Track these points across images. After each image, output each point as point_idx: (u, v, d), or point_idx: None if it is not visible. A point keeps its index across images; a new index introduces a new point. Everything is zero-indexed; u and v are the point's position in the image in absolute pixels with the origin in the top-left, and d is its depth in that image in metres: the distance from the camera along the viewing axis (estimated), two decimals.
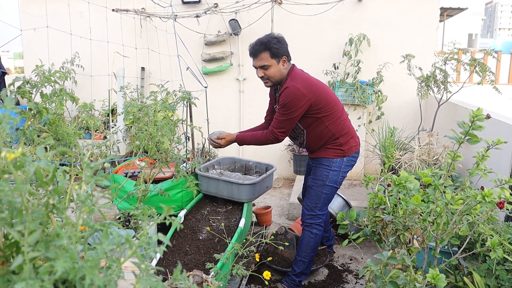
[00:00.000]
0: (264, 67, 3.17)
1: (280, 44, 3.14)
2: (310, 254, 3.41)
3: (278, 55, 3.14)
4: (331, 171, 3.33)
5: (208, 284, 2.35)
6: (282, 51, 3.15)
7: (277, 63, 3.17)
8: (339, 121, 3.32)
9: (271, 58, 3.14)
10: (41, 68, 2.24)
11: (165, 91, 3.81)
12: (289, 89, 3.11)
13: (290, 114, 3.15)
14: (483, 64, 4.87)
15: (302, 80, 3.18)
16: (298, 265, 3.42)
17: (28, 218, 0.91)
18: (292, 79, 3.18)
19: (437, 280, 1.96)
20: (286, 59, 3.20)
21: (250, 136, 3.44)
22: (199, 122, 4.68)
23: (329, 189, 3.36)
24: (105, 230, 0.96)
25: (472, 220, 2.27)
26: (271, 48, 3.12)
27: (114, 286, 0.93)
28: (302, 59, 6.53)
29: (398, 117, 6.22)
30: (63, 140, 2.36)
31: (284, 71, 3.22)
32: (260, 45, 3.14)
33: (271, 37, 3.15)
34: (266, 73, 3.19)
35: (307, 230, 3.39)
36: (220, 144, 3.50)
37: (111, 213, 3.44)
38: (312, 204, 3.38)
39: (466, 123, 2.05)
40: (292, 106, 3.12)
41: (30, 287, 0.83)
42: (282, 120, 3.20)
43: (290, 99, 3.10)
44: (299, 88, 3.10)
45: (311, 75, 3.12)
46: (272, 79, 3.22)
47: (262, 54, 3.15)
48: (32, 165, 0.88)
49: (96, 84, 6.59)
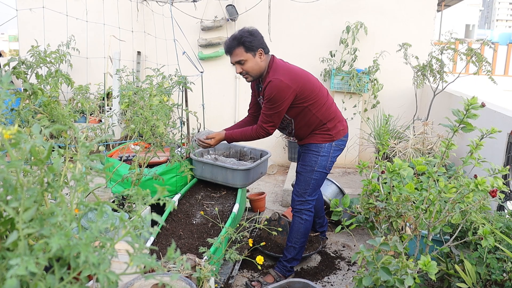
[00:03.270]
0: (241, 62, 3.14)
1: (253, 37, 3.10)
2: (301, 240, 3.42)
3: (252, 48, 3.10)
4: (320, 156, 3.33)
5: (201, 268, 2.37)
6: (256, 43, 3.10)
7: (253, 57, 3.12)
8: (325, 107, 3.31)
9: (246, 52, 3.10)
10: (37, 48, 2.23)
11: (160, 75, 3.79)
12: (273, 83, 3.08)
13: (277, 107, 3.14)
14: (479, 54, 4.87)
15: (285, 71, 3.15)
16: (289, 251, 3.44)
17: (23, 196, 0.92)
18: (274, 71, 3.14)
19: (428, 267, 1.98)
20: (263, 51, 3.14)
21: (240, 133, 3.41)
22: (195, 107, 4.68)
23: (318, 175, 3.36)
24: (99, 209, 0.96)
25: (464, 209, 2.29)
26: (244, 42, 3.07)
27: (108, 264, 0.93)
28: (298, 46, 6.53)
29: (394, 106, 6.23)
30: (58, 122, 2.35)
31: (263, 64, 3.18)
32: (233, 41, 3.11)
33: (243, 31, 3.11)
34: (244, 68, 3.15)
35: (297, 216, 3.41)
36: (210, 144, 3.48)
37: (105, 196, 3.45)
38: (301, 190, 3.38)
39: (461, 111, 2.06)
40: (278, 99, 3.11)
41: (25, 263, 0.83)
42: (269, 114, 3.19)
43: (275, 93, 3.08)
44: (283, 80, 3.08)
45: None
46: (251, 73, 3.19)
47: (236, 49, 3.11)
48: (27, 142, 0.88)
49: (91, 67, 6.56)
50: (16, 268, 0.82)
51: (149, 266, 0.93)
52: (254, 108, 3.62)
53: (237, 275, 3.45)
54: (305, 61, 6.46)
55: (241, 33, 3.09)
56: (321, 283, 3.49)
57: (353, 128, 6.20)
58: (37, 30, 6.17)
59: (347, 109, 6.26)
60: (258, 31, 3.16)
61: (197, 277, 2.31)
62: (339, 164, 6.33)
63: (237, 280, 3.46)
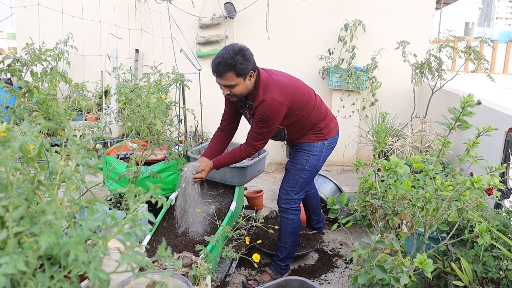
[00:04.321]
0: (230, 86, 2.94)
1: (246, 62, 2.87)
2: (291, 239, 3.40)
3: (245, 73, 2.89)
4: (312, 155, 3.29)
5: (197, 266, 2.36)
6: (249, 68, 2.91)
7: (243, 80, 2.93)
8: (315, 109, 3.26)
9: (237, 77, 2.89)
10: (32, 46, 2.22)
11: (158, 73, 3.78)
12: (267, 102, 2.95)
13: (269, 125, 3.04)
14: (477, 52, 4.87)
15: (275, 87, 3.00)
16: (281, 251, 3.43)
17: (13, 193, 0.91)
18: (264, 90, 2.99)
19: (425, 265, 1.97)
20: (253, 73, 2.96)
21: (228, 157, 3.24)
22: (192, 105, 4.67)
23: (307, 174, 3.33)
24: (90, 207, 0.96)
25: (461, 207, 2.28)
26: (236, 68, 2.85)
27: (99, 262, 0.93)
28: (297, 44, 6.52)
29: (392, 104, 6.23)
30: (54, 120, 2.34)
31: (251, 86, 3.00)
32: (224, 66, 2.85)
33: (235, 53, 2.85)
34: (233, 91, 2.96)
35: (283, 216, 3.37)
36: (202, 178, 3.24)
37: (102, 194, 3.44)
38: (288, 188, 3.34)
39: (457, 109, 2.05)
40: (272, 118, 3.00)
41: (14, 262, 0.83)
42: (261, 132, 3.08)
43: (269, 112, 2.97)
44: (276, 98, 2.96)
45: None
46: (239, 95, 3.02)
47: (227, 74, 2.88)
48: (17, 140, 0.87)
49: (88, 65, 6.54)
50: (5, 266, 0.82)
51: (140, 264, 0.92)
52: (228, 121, 3.43)
53: (234, 273, 3.45)
54: (304, 59, 6.47)
55: (233, 58, 2.84)
56: (318, 281, 3.49)
57: (351, 126, 6.20)
58: (34, 28, 6.15)
59: (345, 107, 6.26)
60: (249, 52, 2.95)
61: (193, 275, 2.31)
62: (337, 162, 6.34)
63: (234, 278, 3.46)
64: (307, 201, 3.95)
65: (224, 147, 3.46)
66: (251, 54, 2.95)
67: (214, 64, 2.91)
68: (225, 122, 3.44)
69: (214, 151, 3.39)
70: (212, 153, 3.37)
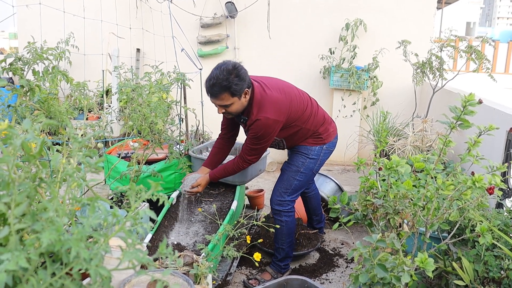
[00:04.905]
0: (226, 106, 2.91)
1: (241, 82, 2.82)
2: (287, 240, 3.38)
3: (240, 92, 2.85)
4: (309, 158, 3.26)
5: (198, 265, 2.36)
6: (244, 87, 2.86)
7: (238, 99, 2.88)
8: (312, 116, 3.23)
9: (232, 97, 2.85)
10: (33, 45, 2.22)
11: (159, 72, 3.79)
12: (261, 121, 2.92)
13: (263, 142, 3.05)
14: (479, 51, 4.86)
15: (270, 105, 2.95)
16: (278, 252, 3.42)
17: (14, 191, 0.91)
18: (259, 108, 2.94)
19: (426, 264, 1.97)
20: (248, 90, 2.91)
21: (223, 170, 3.26)
22: (193, 104, 4.67)
23: (302, 177, 3.29)
24: (92, 204, 0.96)
25: (462, 206, 2.28)
26: (232, 90, 2.81)
27: (101, 259, 0.93)
28: (298, 43, 6.52)
29: (393, 103, 6.22)
30: (55, 119, 2.35)
31: (246, 102, 2.96)
32: (219, 88, 2.80)
33: (229, 73, 2.79)
34: (228, 110, 2.93)
35: (277, 219, 3.33)
36: (199, 191, 3.29)
37: (103, 193, 3.45)
38: (282, 189, 3.31)
39: (458, 108, 2.05)
40: (265, 136, 2.99)
41: (16, 258, 0.83)
42: (255, 148, 3.09)
43: (263, 131, 2.95)
44: (269, 117, 2.92)
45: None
46: (234, 113, 2.99)
47: (223, 95, 2.83)
48: (18, 137, 0.87)
49: (90, 64, 6.54)
50: (7, 263, 0.82)
51: (141, 261, 0.92)
52: (227, 129, 3.40)
53: (235, 272, 3.45)
54: (305, 59, 6.47)
55: (228, 79, 2.78)
56: (319, 280, 3.49)
57: (352, 126, 6.20)
58: (35, 27, 6.16)
59: (346, 107, 6.26)
60: (244, 70, 2.88)
61: (194, 274, 2.31)
62: (339, 162, 6.34)
63: (235, 277, 3.46)
64: (307, 202, 3.94)
65: (225, 154, 3.47)
66: (245, 72, 2.89)
67: (209, 85, 2.85)
68: (224, 130, 3.42)
69: (215, 159, 3.41)
70: (213, 162, 3.40)
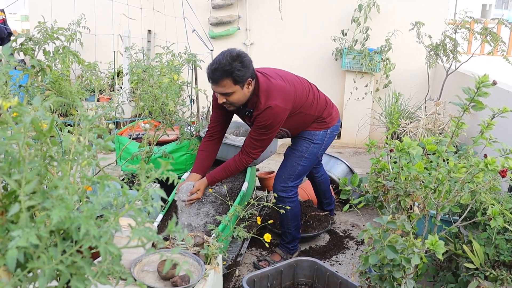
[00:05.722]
0: (227, 94, 2.77)
1: (245, 68, 2.70)
2: (292, 224, 3.37)
3: (242, 80, 2.73)
4: (313, 143, 3.22)
5: (209, 245, 2.38)
6: (247, 75, 2.74)
7: (241, 88, 2.76)
8: (315, 101, 3.17)
9: (234, 85, 2.72)
10: (44, 25, 2.22)
11: (170, 53, 3.78)
12: (272, 110, 2.81)
13: (270, 132, 2.91)
14: (494, 33, 4.79)
15: (279, 93, 2.87)
16: (285, 235, 3.43)
17: (25, 168, 0.92)
18: (267, 96, 2.84)
19: (436, 246, 1.97)
20: (251, 81, 2.79)
21: (222, 170, 3.05)
22: (205, 85, 4.64)
23: (306, 162, 3.25)
24: (101, 182, 0.96)
25: (474, 189, 2.26)
26: (234, 75, 2.69)
27: (111, 238, 0.93)
28: (310, 25, 6.46)
29: (406, 86, 6.15)
30: (67, 99, 2.35)
31: (249, 93, 2.84)
32: (221, 72, 2.68)
33: (233, 59, 2.68)
34: (229, 99, 2.79)
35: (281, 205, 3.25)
36: (198, 198, 3.00)
37: (115, 173, 3.47)
38: (285, 175, 3.25)
39: (472, 89, 2.02)
40: (273, 125, 2.88)
41: (26, 235, 0.84)
42: (261, 139, 2.94)
43: (273, 119, 2.84)
44: (279, 105, 2.82)
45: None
46: (236, 104, 2.85)
47: (224, 81, 2.70)
48: (28, 115, 0.87)
49: (101, 46, 6.53)
50: (18, 239, 0.83)
51: (150, 239, 0.93)
52: (220, 126, 3.19)
53: (245, 253, 3.48)
54: (317, 40, 6.42)
55: (231, 64, 2.67)
56: (329, 262, 3.51)
57: (364, 108, 6.16)
58: (46, 9, 6.15)
59: (358, 89, 6.21)
60: (248, 58, 2.77)
61: (205, 254, 2.32)
62: (350, 144, 6.32)
63: (246, 258, 3.48)
64: (317, 186, 3.93)
65: (213, 158, 3.23)
66: (250, 60, 2.79)
67: (210, 70, 2.74)
68: (214, 129, 3.18)
69: (204, 164, 3.15)
70: (202, 167, 3.13)
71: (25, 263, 0.91)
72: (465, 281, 2.39)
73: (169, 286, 2.02)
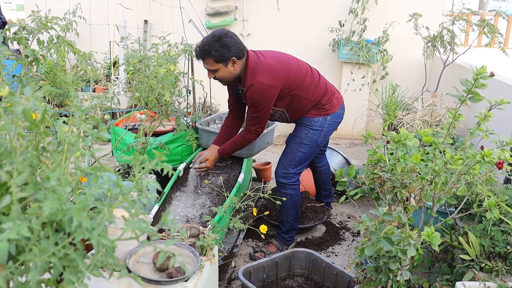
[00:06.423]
0: (212, 71, 2.99)
1: (223, 49, 2.87)
2: (291, 213, 3.39)
3: (223, 59, 2.91)
4: (312, 130, 3.24)
5: (204, 236, 2.37)
6: (227, 55, 2.89)
7: (224, 66, 2.94)
8: (313, 86, 3.20)
9: (216, 63, 2.93)
10: (37, 13, 2.19)
11: (166, 43, 3.75)
12: (254, 86, 2.94)
13: (261, 109, 3.04)
14: (492, 25, 4.77)
15: (264, 70, 2.97)
16: (283, 224, 3.43)
17: (16, 159, 0.90)
18: (252, 74, 2.97)
19: (432, 238, 1.96)
20: (236, 59, 2.93)
21: (231, 145, 3.28)
22: (201, 76, 4.62)
23: (306, 149, 3.27)
24: (94, 173, 0.95)
25: (470, 181, 2.26)
26: (211, 55, 2.89)
27: (104, 230, 0.92)
28: (307, 16, 6.42)
29: (403, 77, 6.14)
30: (61, 89, 2.33)
31: (236, 71, 3.00)
32: (201, 52, 2.92)
33: (214, 40, 2.88)
34: (216, 75, 3.01)
35: (282, 191, 3.34)
36: (208, 167, 3.32)
37: (110, 165, 3.45)
38: (286, 161, 3.31)
39: (469, 81, 2.01)
40: (261, 102, 3.00)
41: (18, 227, 0.83)
42: (255, 116, 3.09)
43: (259, 96, 2.96)
44: (263, 81, 2.93)
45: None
46: (224, 81, 3.07)
47: (206, 59, 2.94)
48: (19, 104, 0.86)
49: (97, 36, 6.50)
50: (8, 231, 0.82)
51: (143, 231, 0.92)
52: (235, 105, 3.44)
53: (241, 244, 3.47)
54: (314, 31, 6.38)
55: (209, 45, 2.88)
56: (325, 253, 3.51)
57: (361, 100, 6.15)
58: None
59: (355, 80, 6.19)
60: (231, 40, 2.92)
61: (200, 246, 2.32)
62: (346, 136, 6.31)
63: (242, 249, 3.48)
64: (317, 176, 3.93)
65: (235, 131, 3.46)
66: (234, 42, 2.92)
67: (195, 48, 2.99)
68: (231, 107, 3.46)
69: (224, 137, 3.40)
70: (222, 139, 3.39)
71: (16, 256, 0.90)
72: (460, 273, 2.40)
73: (165, 277, 2.02)
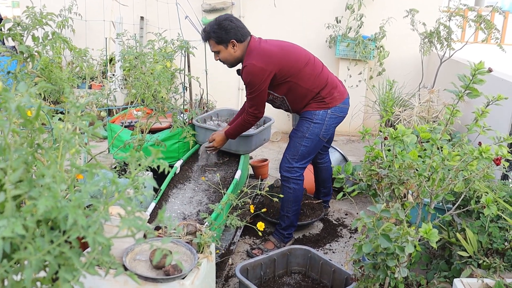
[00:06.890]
0: (216, 53, 3.22)
1: (221, 31, 3.10)
2: (293, 208, 3.39)
3: (222, 41, 3.13)
4: (313, 123, 3.25)
5: (201, 234, 2.36)
6: (225, 37, 3.12)
7: (225, 48, 3.17)
8: (313, 77, 3.23)
9: (217, 44, 3.16)
10: (32, 9, 2.18)
11: (162, 40, 3.73)
12: (246, 68, 3.11)
13: (255, 91, 3.15)
14: (488, 21, 4.76)
15: (258, 54, 3.12)
16: (284, 220, 3.43)
17: (11, 156, 0.89)
18: (248, 57, 3.16)
19: (430, 235, 1.96)
20: (236, 42, 3.14)
21: (235, 127, 3.46)
22: (198, 72, 4.62)
23: (308, 142, 3.28)
24: (89, 170, 0.94)
25: (468, 177, 2.26)
26: (211, 37, 3.14)
27: (100, 228, 0.91)
28: (304, 12, 6.40)
29: (400, 74, 6.12)
30: (56, 85, 2.31)
31: (237, 53, 3.20)
32: (204, 33, 3.19)
33: (215, 23, 3.13)
34: (219, 57, 3.24)
35: (285, 186, 3.37)
36: (215, 146, 3.57)
37: (107, 162, 3.44)
38: (289, 155, 3.34)
39: (467, 77, 2.01)
40: (254, 83, 3.12)
41: (12, 225, 0.81)
42: (251, 97, 3.21)
43: (250, 77, 3.11)
44: (255, 64, 3.07)
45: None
46: (227, 62, 3.27)
47: (209, 41, 3.19)
48: (13, 101, 0.84)
49: (93, 32, 6.46)
50: (3, 229, 0.80)
51: (139, 228, 0.90)
52: None
53: (238, 241, 3.47)
54: (310, 27, 6.36)
55: (210, 27, 3.13)
56: (322, 250, 3.50)
57: (358, 96, 6.13)
58: None
59: (352, 76, 6.18)
60: (231, 23, 3.14)
61: (197, 243, 2.31)
62: (343, 132, 6.30)
63: (239, 246, 3.47)
64: (318, 172, 3.92)
65: None
66: (235, 26, 3.13)
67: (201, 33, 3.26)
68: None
69: (235, 121, 3.58)
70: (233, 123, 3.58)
71: (11, 254, 0.89)
72: (458, 269, 2.40)
73: (162, 275, 2.01)
